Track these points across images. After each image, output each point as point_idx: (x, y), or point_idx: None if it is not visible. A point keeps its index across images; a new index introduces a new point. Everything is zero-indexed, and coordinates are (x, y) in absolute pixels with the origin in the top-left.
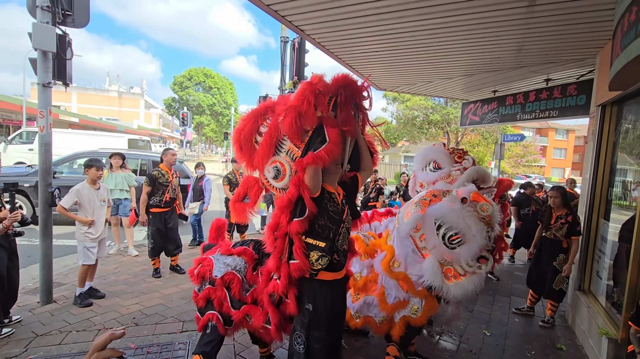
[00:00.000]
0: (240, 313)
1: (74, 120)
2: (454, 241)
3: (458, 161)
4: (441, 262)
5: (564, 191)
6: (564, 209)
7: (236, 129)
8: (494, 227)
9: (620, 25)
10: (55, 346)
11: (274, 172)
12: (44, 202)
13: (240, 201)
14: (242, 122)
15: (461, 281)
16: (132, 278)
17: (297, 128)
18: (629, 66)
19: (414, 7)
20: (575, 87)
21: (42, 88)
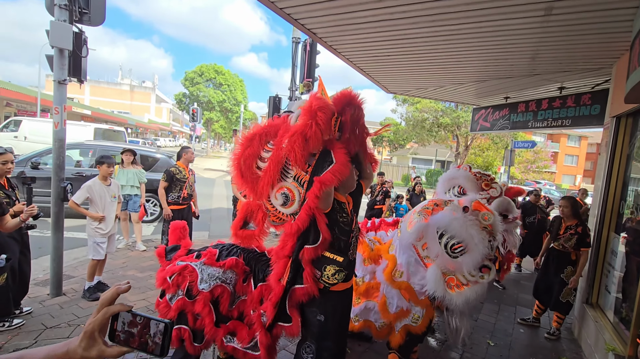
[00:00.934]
0: (223, 331)
1: (86, 112)
2: (456, 250)
3: (485, 188)
4: (444, 271)
5: (574, 201)
6: (574, 219)
7: (236, 155)
8: (495, 236)
9: (639, 38)
10: (64, 339)
11: (283, 199)
12: (57, 196)
13: (241, 228)
14: (242, 147)
15: (464, 291)
16: (140, 273)
17: (303, 155)
18: None
19: (428, 13)
20: (589, 97)
21: (58, 85)
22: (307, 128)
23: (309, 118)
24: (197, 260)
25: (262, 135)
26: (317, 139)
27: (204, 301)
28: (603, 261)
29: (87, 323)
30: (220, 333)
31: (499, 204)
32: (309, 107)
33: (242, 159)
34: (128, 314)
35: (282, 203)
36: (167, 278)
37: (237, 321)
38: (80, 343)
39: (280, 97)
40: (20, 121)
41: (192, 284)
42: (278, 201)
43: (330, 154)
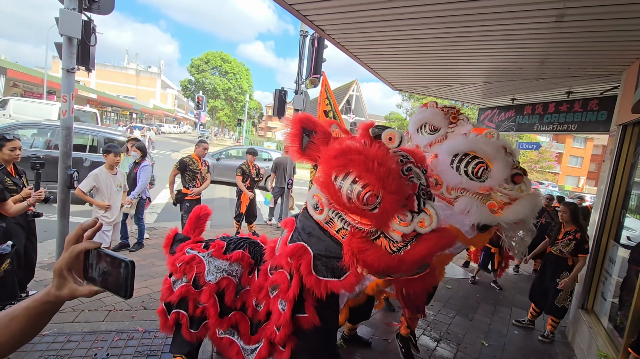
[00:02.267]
0: (226, 323)
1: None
2: (478, 172)
3: (453, 121)
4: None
5: (574, 207)
6: (573, 225)
7: (354, 150)
8: (507, 147)
9: None
10: (68, 324)
11: (314, 202)
12: (63, 184)
13: (303, 131)
14: (362, 164)
15: (512, 206)
16: (142, 260)
17: (352, 261)
18: None
19: (438, 15)
20: (597, 103)
21: (66, 73)
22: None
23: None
24: (205, 251)
25: (381, 174)
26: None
27: (209, 292)
28: (601, 267)
29: (56, 262)
30: (224, 325)
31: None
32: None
33: (339, 159)
34: (96, 253)
35: (313, 205)
36: (176, 263)
37: (240, 312)
38: (52, 282)
39: (286, 91)
40: (8, 100)
41: (199, 274)
42: (312, 200)
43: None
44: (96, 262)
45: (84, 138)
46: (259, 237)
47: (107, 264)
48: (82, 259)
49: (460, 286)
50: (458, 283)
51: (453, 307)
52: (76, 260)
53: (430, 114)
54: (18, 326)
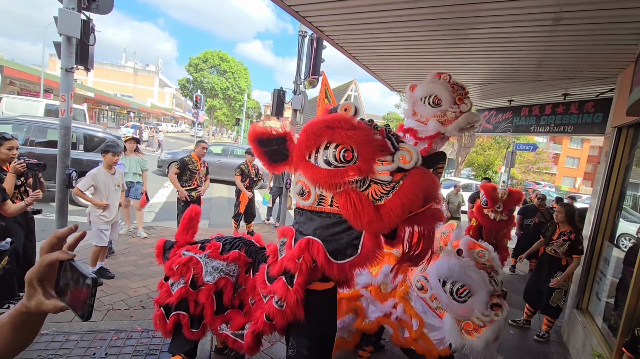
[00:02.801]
0: (220, 320)
1: (89, 95)
2: (462, 294)
3: (458, 102)
4: (459, 319)
5: (570, 208)
6: (569, 226)
7: (321, 122)
8: (497, 271)
9: None
10: (66, 323)
11: (299, 190)
12: (61, 183)
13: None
14: (332, 125)
15: (482, 333)
16: (141, 260)
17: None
18: None
19: (436, 17)
20: (593, 105)
21: (65, 73)
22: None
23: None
24: (201, 252)
25: (357, 135)
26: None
27: (208, 292)
28: (596, 268)
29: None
30: (217, 322)
31: (467, 117)
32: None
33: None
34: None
35: (297, 192)
36: (172, 266)
37: (236, 309)
38: (25, 292)
39: (285, 91)
40: (1, 97)
41: (197, 275)
42: (296, 187)
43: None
44: (70, 276)
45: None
46: (253, 236)
47: (76, 279)
48: (57, 271)
49: None
50: None
51: None
52: (49, 271)
53: (441, 87)
54: (7, 334)
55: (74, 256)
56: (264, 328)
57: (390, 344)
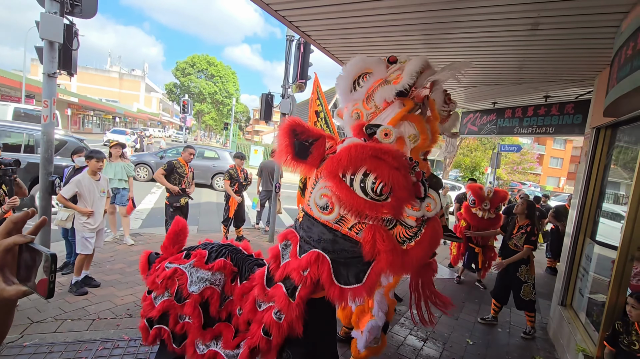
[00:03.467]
0: (210, 335)
1: (73, 100)
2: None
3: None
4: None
5: (530, 204)
6: (526, 219)
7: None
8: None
9: (618, 56)
10: (50, 334)
11: (323, 203)
12: (44, 190)
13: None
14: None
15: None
16: (127, 267)
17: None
18: (624, 98)
19: (420, 22)
20: (572, 107)
21: (47, 78)
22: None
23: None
24: (186, 261)
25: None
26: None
27: (193, 304)
28: (578, 265)
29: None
30: (207, 337)
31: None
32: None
33: (368, 156)
34: (27, 248)
35: (320, 205)
36: (156, 280)
37: (224, 323)
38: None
39: (273, 95)
40: None
41: (181, 286)
42: (319, 199)
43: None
44: (29, 258)
45: (18, 137)
46: (242, 243)
47: (34, 260)
48: (17, 256)
49: (447, 286)
50: (444, 283)
51: None
52: (7, 256)
53: (366, 61)
54: None
55: (32, 239)
56: (260, 344)
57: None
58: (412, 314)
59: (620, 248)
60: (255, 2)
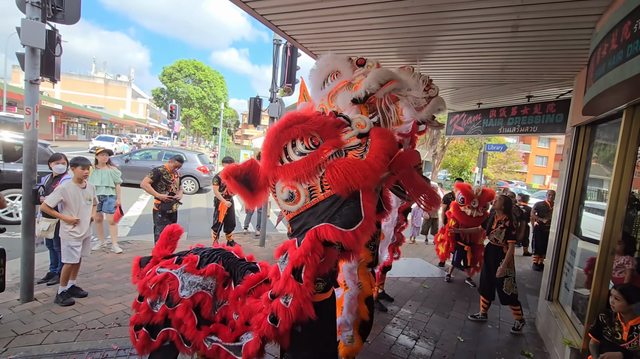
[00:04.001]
0: (204, 332)
1: (57, 107)
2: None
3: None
4: None
5: (507, 199)
6: (504, 214)
7: (278, 125)
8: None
9: (594, 57)
10: (36, 346)
11: (287, 196)
12: (28, 199)
13: (237, 180)
14: (286, 122)
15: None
16: (116, 276)
17: (347, 187)
18: (600, 96)
19: (405, 25)
20: (554, 106)
21: (29, 85)
22: (371, 173)
23: (379, 165)
24: (177, 266)
25: (313, 126)
26: (372, 183)
27: (185, 308)
28: (563, 260)
29: None
30: (201, 335)
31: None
32: (383, 152)
33: (279, 132)
34: None
35: (286, 199)
36: (147, 285)
37: (219, 323)
38: None
39: (261, 99)
40: None
41: (172, 291)
42: (283, 194)
43: (360, 201)
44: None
45: None
46: (233, 248)
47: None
48: None
49: (437, 285)
50: (434, 282)
51: (430, 306)
52: None
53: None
54: None
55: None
56: (267, 332)
57: (364, 346)
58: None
59: (602, 242)
60: (241, 7)
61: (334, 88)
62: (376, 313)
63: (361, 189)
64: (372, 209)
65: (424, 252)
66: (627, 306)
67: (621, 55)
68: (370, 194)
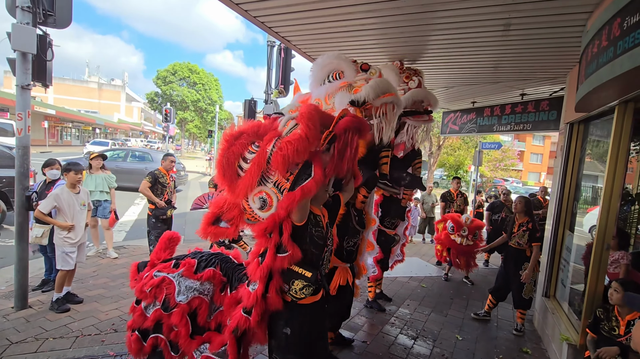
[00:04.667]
0: (197, 342)
1: (50, 112)
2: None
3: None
4: None
5: (527, 200)
6: (526, 217)
7: (220, 150)
8: None
9: (585, 54)
10: (31, 354)
11: (260, 203)
12: (21, 206)
13: (212, 224)
14: (227, 143)
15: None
16: (111, 282)
17: (288, 164)
18: (592, 93)
19: (397, 25)
20: (547, 103)
21: (21, 90)
22: (300, 141)
23: (304, 130)
24: (174, 270)
25: (249, 134)
26: (306, 152)
27: (181, 313)
28: (560, 256)
29: None
30: (193, 345)
31: (416, 93)
32: (307, 118)
33: (225, 156)
34: None
35: (260, 207)
36: (144, 289)
37: (214, 331)
38: None
39: (256, 100)
40: None
41: (169, 296)
42: (256, 204)
43: (311, 167)
44: None
45: None
46: (232, 252)
47: None
48: None
49: (435, 284)
50: (432, 281)
51: (428, 305)
52: None
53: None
54: None
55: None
56: (239, 323)
57: (363, 347)
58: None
59: (597, 237)
60: (233, 9)
61: (334, 88)
62: (374, 313)
63: (311, 157)
64: (319, 172)
65: (421, 252)
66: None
67: (612, 52)
68: (318, 160)
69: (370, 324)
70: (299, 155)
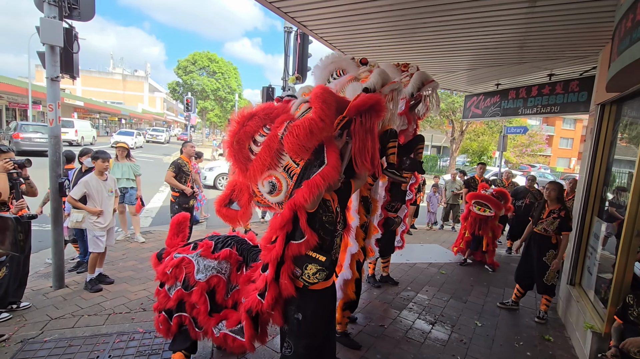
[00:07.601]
0: (215, 320)
1: (79, 104)
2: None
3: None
4: None
5: (561, 187)
6: (558, 204)
7: (230, 132)
8: None
9: (618, 30)
10: (69, 329)
11: (269, 187)
12: (55, 192)
13: (225, 205)
14: (238, 125)
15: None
16: (139, 264)
17: (301, 148)
18: (625, 71)
19: (416, 6)
20: (577, 84)
21: (51, 82)
22: (313, 123)
23: (317, 112)
24: (193, 251)
25: (261, 117)
26: (320, 136)
27: (200, 291)
28: (587, 243)
29: None
30: (212, 322)
31: (419, 76)
32: (320, 100)
33: (236, 137)
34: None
35: (269, 191)
36: (165, 271)
37: (230, 309)
38: None
39: (274, 87)
40: None
41: (189, 274)
42: (265, 188)
43: (324, 152)
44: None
45: None
46: (247, 235)
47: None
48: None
49: (454, 271)
50: (452, 267)
51: (447, 291)
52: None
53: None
54: None
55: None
56: (252, 305)
57: (380, 331)
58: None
59: (626, 223)
60: None
61: (342, 82)
62: (392, 299)
63: (324, 142)
64: (334, 157)
65: (441, 239)
66: None
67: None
68: (332, 145)
69: (388, 309)
70: (312, 138)
